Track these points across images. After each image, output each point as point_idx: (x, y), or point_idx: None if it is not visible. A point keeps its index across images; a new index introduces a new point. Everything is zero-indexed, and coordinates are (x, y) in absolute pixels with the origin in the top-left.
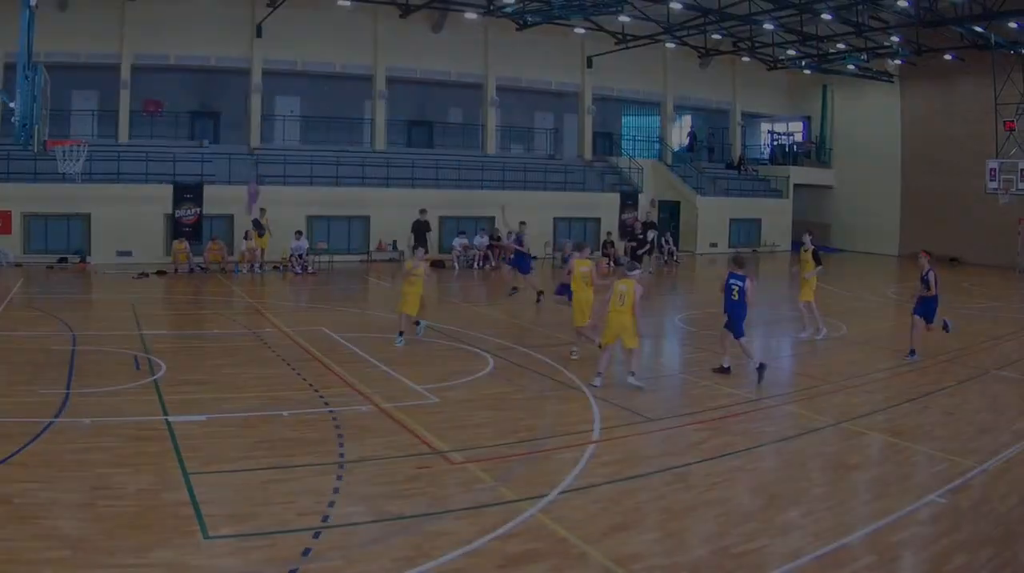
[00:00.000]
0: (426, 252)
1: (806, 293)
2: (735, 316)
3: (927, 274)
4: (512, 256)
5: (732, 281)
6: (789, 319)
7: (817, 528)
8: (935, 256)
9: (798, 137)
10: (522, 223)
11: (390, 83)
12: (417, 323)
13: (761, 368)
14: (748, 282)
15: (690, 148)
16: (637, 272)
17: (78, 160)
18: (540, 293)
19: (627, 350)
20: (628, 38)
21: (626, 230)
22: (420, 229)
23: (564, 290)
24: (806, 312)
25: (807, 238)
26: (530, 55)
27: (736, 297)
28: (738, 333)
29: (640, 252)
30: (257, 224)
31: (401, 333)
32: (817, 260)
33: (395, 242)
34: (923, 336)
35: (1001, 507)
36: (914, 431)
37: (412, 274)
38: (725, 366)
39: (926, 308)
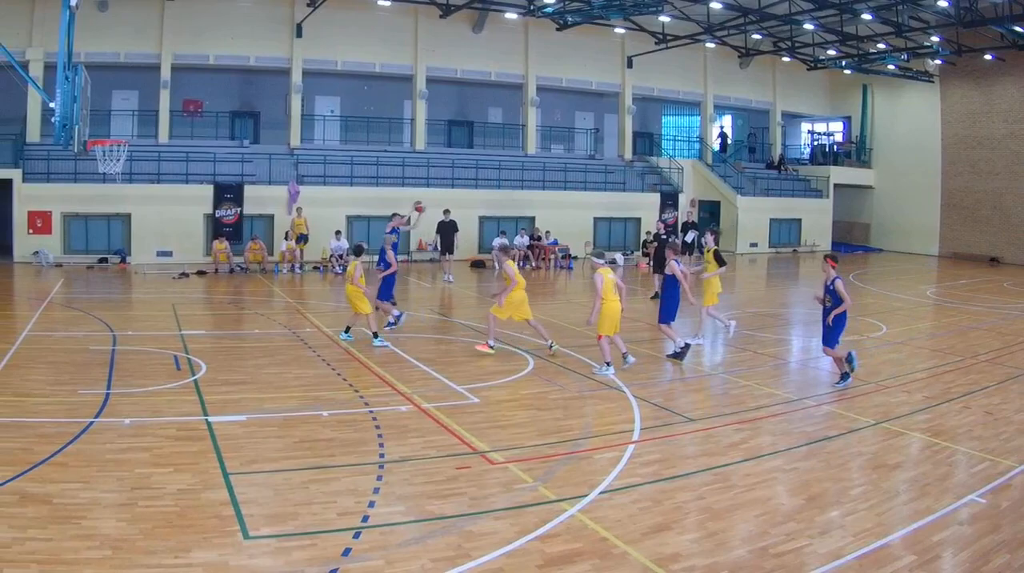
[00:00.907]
0: (451, 253)
1: (709, 297)
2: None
3: (832, 283)
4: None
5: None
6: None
7: (857, 528)
8: (975, 256)
9: (838, 137)
10: (387, 235)
11: (430, 83)
12: (347, 329)
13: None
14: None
15: (722, 148)
16: (602, 261)
17: (118, 160)
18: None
19: (613, 337)
20: (668, 38)
21: (669, 232)
22: (447, 230)
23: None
24: (704, 315)
25: (709, 238)
26: (570, 55)
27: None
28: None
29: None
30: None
31: (376, 334)
32: (720, 261)
33: (436, 242)
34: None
35: None
36: (954, 431)
37: (349, 276)
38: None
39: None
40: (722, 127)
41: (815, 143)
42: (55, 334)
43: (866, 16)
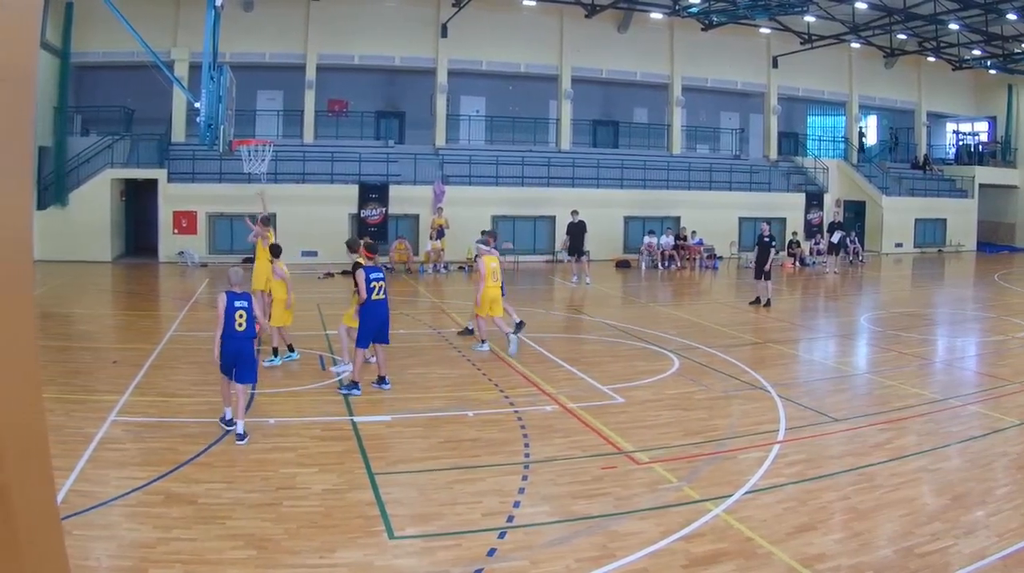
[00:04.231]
0: (582, 254)
1: (348, 316)
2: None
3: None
4: None
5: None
6: (973, 320)
7: (1003, 528)
8: None
9: (983, 137)
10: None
11: (575, 83)
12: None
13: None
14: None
15: (859, 148)
16: (488, 248)
17: (263, 160)
18: None
19: (492, 318)
20: (813, 38)
21: (814, 232)
22: (576, 231)
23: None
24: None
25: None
26: (716, 55)
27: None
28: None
29: (766, 268)
30: (440, 230)
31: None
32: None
33: (566, 244)
34: None
35: None
36: None
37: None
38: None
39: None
40: (862, 127)
41: (960, 143)
42: (200, 334)
43: (1011, 16)
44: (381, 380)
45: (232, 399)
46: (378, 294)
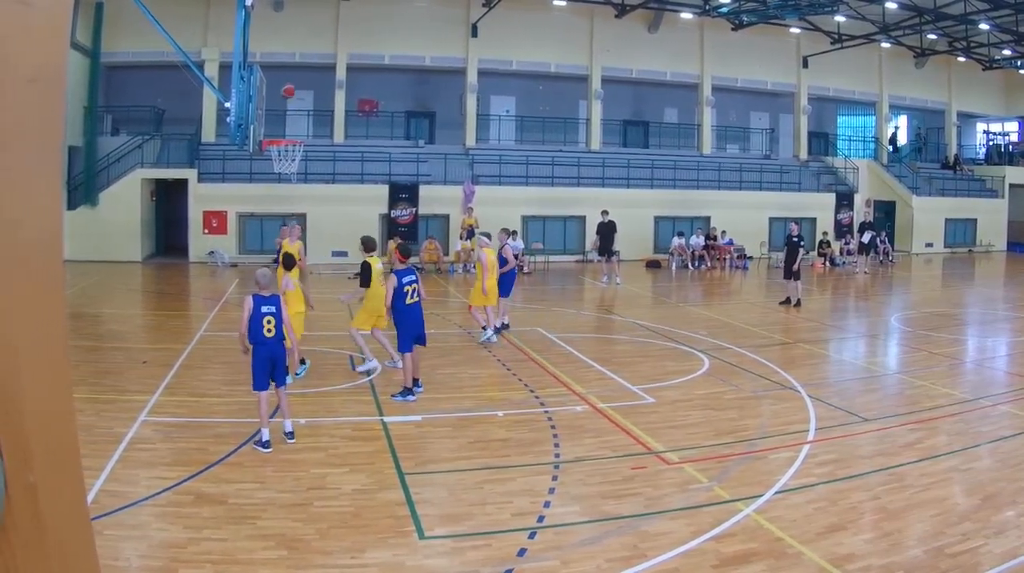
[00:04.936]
0: (612, 254)
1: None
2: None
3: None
4: None
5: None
6: (1003, 320)
7: None
8: None
9: (1013, 137)
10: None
11: (605, 83)
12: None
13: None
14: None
15: (894, 148)
16: (486, 239)
17: (294, 160)
18: None
19: (483, 307)
20: (844, 38)
21: (844, 232)
22: (606, 231)
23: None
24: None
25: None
26: (746, 55)
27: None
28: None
29: (795, 268)
30: (470, 230)
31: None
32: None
33: (596, 243)
34: None
35: None
36: None
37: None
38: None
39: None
40: (896, 128)
41: (990, 143)
42: (230, 334)
43: None
44: (414, 382)
45: (272, 403)
46: (412, 298)
